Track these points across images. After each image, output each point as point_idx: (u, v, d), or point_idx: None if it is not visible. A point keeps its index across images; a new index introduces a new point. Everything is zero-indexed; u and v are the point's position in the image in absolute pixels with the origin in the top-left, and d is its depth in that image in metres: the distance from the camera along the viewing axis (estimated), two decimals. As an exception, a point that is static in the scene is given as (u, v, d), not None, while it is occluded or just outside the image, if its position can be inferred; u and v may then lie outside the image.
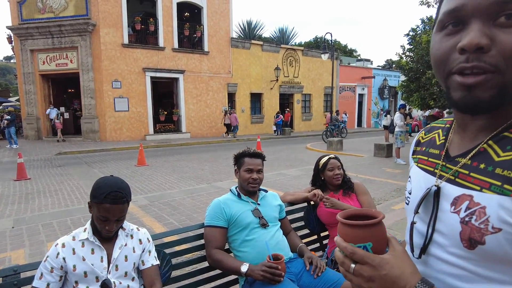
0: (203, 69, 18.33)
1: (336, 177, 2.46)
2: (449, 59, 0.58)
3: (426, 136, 0.81)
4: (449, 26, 0.58)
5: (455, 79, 0.58)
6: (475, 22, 0.54)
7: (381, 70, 30.42)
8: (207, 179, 7.77)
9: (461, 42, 0.55)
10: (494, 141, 0.61)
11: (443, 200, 0.65)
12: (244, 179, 2.04)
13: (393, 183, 7.03)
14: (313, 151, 12.84)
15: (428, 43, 8.61)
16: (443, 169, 0.68)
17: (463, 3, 0.55)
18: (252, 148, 2.14)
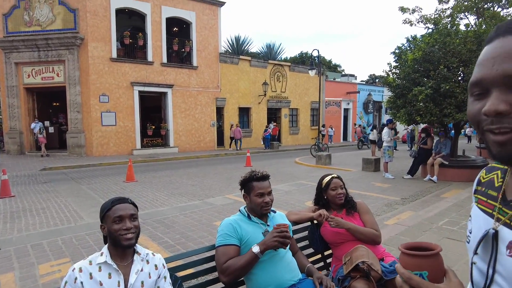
0: (191, 84, 18.39)
1: (339, 197, 2.50)
2: (480, 120, 0.65)
3: (486, 176, 0.84)
4: (476, 93, 0.66)
5: (489, 137, 0.64)
6: (495, 91, 0.62)
7: (365, 85, 31.16)
8: (199, 195, 7.71)
9: (484, 108, 0.63)
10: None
11: (501, 243, 0.68)
12: (256, 204, 2.04)
13: (384, 198, 7.15)
14: (302, 166, 12.95)
15: (413, 61, 8.93)
16: (500, 212, 0.71)
17: (481, 78, 0.64)
18: (259, 171, 2.12)
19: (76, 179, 10.14)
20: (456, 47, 8.34)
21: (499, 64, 0.61)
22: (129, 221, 1.58)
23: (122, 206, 1.60)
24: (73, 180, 9.90)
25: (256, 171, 2.11)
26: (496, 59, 0.61)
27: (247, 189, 2.09)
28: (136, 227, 1.61)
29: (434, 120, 8.68)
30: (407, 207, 6.29)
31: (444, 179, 8.70)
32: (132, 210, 1.63)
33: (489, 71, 0.62)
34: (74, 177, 10.52)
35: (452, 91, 8.12)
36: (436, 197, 7.01)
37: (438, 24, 11.43)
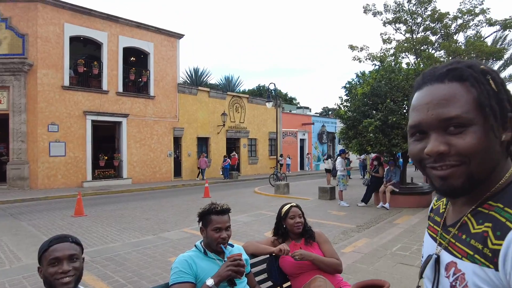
0: (148, 113, 18.03)
1: (297, 225, 2.51)
2: (422, 158, 0.72)
3: (436, 203, 0.92)
4: (416, 134, 0.73)
5: (431, 172, 0.71)
6: (433, 133, 0.69)
7: (319, 117, 32.60)
8: (153, 230, 7.35)
9: (426, 149, 0.69)
10: (472, 214, 0.71)
11: (441, 266, 0.74)
12: (213, 239, 1.96)
13: (340, 226, 7.30)
14: (261, 195, 12.93)
15: (362, 95, 9.55)
16: (441, 236, 0.79)
17: (419, 121, 0.71)
18: (219, 204, 2.05)
19: (16, 215, 9.24)
20: (400, 83, 9.09)
21: (433, 109, 0.68)
22: (67, 263, 1.42)
23: (61, 246, 1.44)
24: (11, 216, 9.00)
25: (216, 204, 2.04)
26: (429, 105, 0.69)
27: (205, 222, 2.01)
28: (77, 269, 1.45)
29: (384, 149, 9.22)
30: (362, 234, 6.47)
31: (396, 206, 9.13)
32: (73, 249, 1.48)
33: (425, 116, 0.69)
34: (13, 212, 9.58)
35: (398, 122, 8.74)
36: (389, 223, 7.30)
37: (383, 61, 12.45)
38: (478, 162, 0.66)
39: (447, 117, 0.66)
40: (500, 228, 0.63)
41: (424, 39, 17.76)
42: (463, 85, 0.68)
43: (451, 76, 0.69)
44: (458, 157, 0.66)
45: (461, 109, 0.66)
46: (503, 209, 0.65)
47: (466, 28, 17.47)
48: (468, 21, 17.22)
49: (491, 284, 0.62)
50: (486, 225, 0.66)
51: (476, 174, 0.67)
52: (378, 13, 18.53)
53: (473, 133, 0.65)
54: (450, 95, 0.67)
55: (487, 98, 0.67)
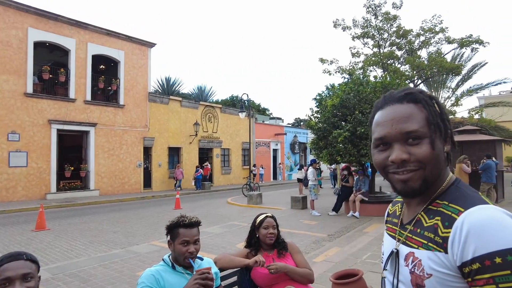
0: (117, 122, 17.53)
1: (270, 236, 2.50)
2: (386, 165, 0.87)
3: (392, 208, 1.08)
4: (381, 145, 0.88)
5: (393, 177, 0.86)
6: (396, 144, 0.85)
7: (291, 127, 33.07)
8: (121, 243, 7.08)
9: (390, 157, 0.84)
10: (424, 212, 0.87)
11: (401, 258, 0.88)
12: (180, 253, 1.90)
13: (311, 235, 7.37)
14: (234, 206, 12.84)
15: (332, 107, 9.80)
16: (399, 234, 0.93)
17: (385, 135, 0.86)
18: (187, 217, 1.99)
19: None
20: (367, 95, 9.43)
21: (397, 125, 0.84)
22: (20, 283, 1.32)
23: (13, 264, 1.34)
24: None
25: (185, 217, 1.98)
26: (393, 121, 0.85)
27: (173, 236, 1.95)
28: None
29: (353, 159, 9.47)
30: (333, 243, 6.56)
31: (365, 214, 9.36)
32: (27, 268, 1.37)
33: (390, 129, 0.85)
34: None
35: (367, 133, 9.02)
36: (359, 232, 7.46)
37: (352, 74, 12.92)
38: (431, 168, 0.83)
39: (408, 131, 0.83)
40: (447, 220, 0.78)
41: (391, 53, 18.61)
42: (417, 106, 0.85)
43: (408, 98, 0.87)
44: (417, 163, 0.82)
45: (418, 124, 0.83)
46: (448, 205, 0.82)
47: (428, 45, 18.51)
48: (430, 39, 18.27)
49: (442, 265, 0.76)
50: (436, 218, 0.82)
51: (429, 177, 0.83)
52: (347, 28, 19.26)
53: (427, 144, 0.82)
54: (409, 114, 0.84)
55: (434, 117, 0.85)
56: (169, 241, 1.97)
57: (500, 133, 20.66)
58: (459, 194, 0.83)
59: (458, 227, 0.74)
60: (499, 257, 0.67)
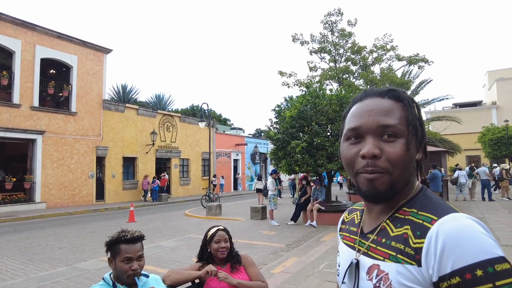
0: (68, 131, 16.51)
1: (221, 250, 2.41)
2: (355, 162, 0.80)
3: (349, 216, 1.01)
4: (352, 138, 0.82)
5: (361, 177, 0.78)
6: (369, 137, 0.78)
7: (252, 138, 33.27)
8: (67, 260, 6.57)
9: (362, 151, 0.78)
10: (389, 220, 0.80)
11: (361, 271, 0.80)
12: (122, 271, 1.75)
13: (270, 246, 7.34)
14: (192, 218, 12.51)
15: (290, 118, 9.97)
16: (360, 243, 0.85)
17: (360, 125, 0.80)
18: (129, 231, 1.84)
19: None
20: (324, 107, 9.71)
21: (375, 116, 0.79)
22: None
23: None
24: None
25: (127, 231, 1.84)
26: (371, 112, 0.80)
27: (113, 253, 1.80)
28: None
29: (310, 169, 9.66)
30: (291, 253, 6.57)
31: (322, 223, 9.53)
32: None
33: (367, 120, 0.79)
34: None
35: (323, 144, 9.28)
36: (316, 241, 7.55)
37: (309, 87, 13.25)
38: (399, 172, 0.76)
39: (386, 124, 0.77)
40: (419, 228, 0.72)
41: (346, 68, 19.48)
42: (398, 104, 0.81)
43: (390, 95, 0.82)
44: (386, 163, 0.76)
45: (397, 121, 0.78)
46: (417, 213, 0.75)
47: (380, 61, 19.64)
48: (382, 55, 19.41)
49: (414, 280, 0.68)
50: (405, 227, 0.75)
51: (397, 183, 0.77)
52: (305, 42, 19.90)
53: (401, 144, 0.76)
54: (390, 108, 0.80)
55: (413, 118, 0.81)
56: (110, 258, 1.82)
57: (444, 145, 22.31)
58: (428, 202, 0.77)
59: (432, 237, 0.67)
60: (480, 269, 0.61)
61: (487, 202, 14.00)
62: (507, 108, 37.31)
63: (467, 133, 33.61)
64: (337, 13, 18.54)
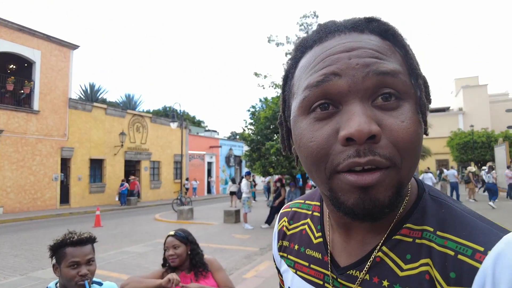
0: (30, 130, 15.51)
1: (171, 258, 2.21)
2: (330, 153, 0.43)
3: (291, 226, 0.64)
4: (318, 108, 0.44)
5: (345, 179, 0.42)
6: (353, 102, 0.42)
7: (227, 140, 32.93)
8: (22, 269, 6.02)
9: (344, 130, 0.42)
10: (388, 247, 0.47)
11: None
12: (68, 277, 1.50)
13: (243, 250, 7.10)
14: (162, 222, 12.03)
15: (265, 119, 9.82)
16: (336, 284, 0.52)
17: (334, 71, 0.43)
18: (76, 233, 1.62)
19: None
20: (299, 108, 9.65)
21: (360, 58, 0.42)
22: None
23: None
24: None
25: (73, 233, 1.60)
26: (352, 53, 0.43)
27: (58, 258, 1.55)
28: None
29: (285, 171, 9.54)
30: (265, 257, 6.36)
31: (296, 227, 9.39)
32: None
33: (345, 66, 0.42)
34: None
35: (298, 146, 9.18)
36: (290, 244, 7.38)
37: (284, 89, 13.21)
38: (411, 165, 0.44)
39: (385, 70, 0.42)
40: (452, 266, 0.41)
41: (320, 72, 19.66)
42: (387, 43, 0.46)
43: (372, 27, 0.47)
44: (389, 149, 0.42)
45: (399, 67, 0.44)
46: (436, 233, 0.45)
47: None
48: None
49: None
50: (422, 262, 0.44)
51: (404, 185, 0.44)
52: (280, 44, 19.91)
53: (410, 112, 0.43)
54: (381, 47, 0.45)
55: (416, 65, 0.47)
56: (55, 264, 1.57)
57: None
58: (448, 213, 0.47)
59: (487, 278, 0.38)
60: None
61: (454, 203, 14.50)
62: (473, 114, 39.29)
63: (437, 138, 34.97)
64: (312, 16, 18.70)
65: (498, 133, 27.14)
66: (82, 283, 1.51)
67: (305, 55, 0.48)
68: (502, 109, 42.01)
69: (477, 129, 28.20)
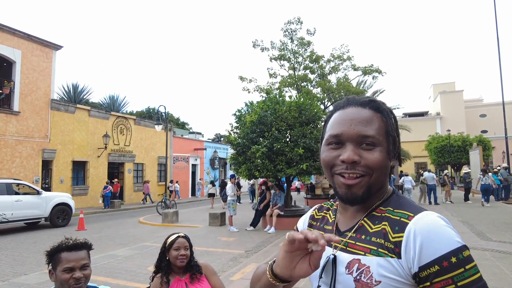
0: (9, 131, 15.14)
1: (181, 258, 2.28)
2: (334, 165, 0.85)
3: (319, 213, 1.05)
4: (333, 144, 0.87)
5: (339, 180, 0.84)
6: (349, 145, 0.84)
7: (212, 142, 32.88)
8: (4, 275, 5.95)
9: (342, 156, 0.83)
10: (367, 218, 0.86)
11: (339, 266, 0.84)
12: (62, 281, 1.57)
13: (229, 252, 7.21)
14: (147, 225, 11.98)
15: (251, 123, 9.95)
16: None
17: (341, 132, 0.86)
18: (71, 238, 1.69)
19: None
20: (283, 113, 9.83)
21: (356, 126, 0.84)
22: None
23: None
24: None
25: (68, 239, 1.68)
26: (353, 121, 0.85)
27: (54, 263, 1.63)
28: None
29: (270, 174, 9.69)
30: (250, 259, 6.49)
31: (281, 228, 9.57)
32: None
33: (348, 129, 0.85)
34: None
35: (282, 149, 9.36)
36: (275, 246, 7.55)
37: (270, 93, 13.41)
38: (377, 176, 0.83)
39: (365, 135, 0.83)
40: (397, 224, 0.79)
41: (304, 76, 19.98)
42: (378, 115, 0.87)
43: (371, 105, 0.88)
44: (365, 168, 0.82)
45: (376, 132, 0.84)
46: (393, 210, 0.83)
47: (337, 70, 20.40)
48: (338, 65, 20.18)
49: (394, 272, 0.75)
50: (383, 223, 0.82)
51: (373, 186, 0.84)
52: (265, 49, 20.14)
53: (379, 152, 0.83)
54: (370, 119, 0.85)
55: (392, 129, 0.88)
56: (50, 270, 1.64)
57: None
58: (402, 202, 0.85)
59: (411, 232, 0.75)
60: (454, 257, 0.71)
61: (433, 205, 15.03)
62: (449, 119, 40.56)
63: (415, 141, 35.94)
64: (297, 22, 19.01)
65: (472, 137, 28.12)
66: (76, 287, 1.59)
67: (335, 113, 0.92)
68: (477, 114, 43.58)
69: (453, 133, 29.13)
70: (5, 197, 10.42)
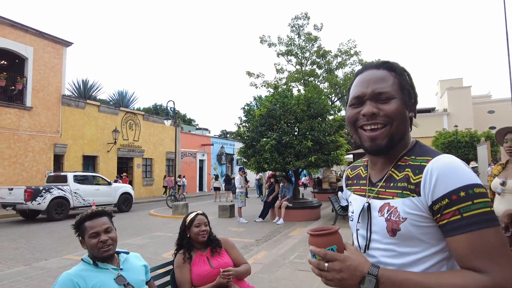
0: (22, 126, 15.47)
1: (202, 234, 2.44)
2: (357, 119, 0.99)
3: (352, 172, 1.19)
4: (355, 104, 1.00)
5: (363, 134, 0.97)
6: (368, 101, 0.96)
7: (218, 138, 33.09)
8: (25, 260, 6.20)
9: (362, 111, 0.96)
10: (394, 168, 0.98)
11: (373, 211, 0.98)
12: (93, 246, 1.74)
13: (240, 241, 7.38)
14: (157, 217, 12.23)
15: (260, 116, 10.10)
16: (369, 191, 1.03)
17: (360, 93, 0.98)
18: (91, 209, 1.89)
19: None
20: (292, 107, 9.95)
21: (372, 85, 0.96)
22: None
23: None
24: None
25: (88, 210, 1.87)
26: (369, 82, 0.97)
27: (81, 233, 1.81)
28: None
29: (278, 167, 9.84)
30: (261, 247, 6.67)
31: (290, 220, 9.73)
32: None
33: (366, 89, 0.97)
34: None
35: (291, 142, 9.49)
36: (285, 236, 7.72)
37: (277, 88, 13.54)
38: (397, 124, 0.94)
39: (380, 91, 0.94)
40: (417, 168, 0.90)
41: (311, 72, 20.05)
42: (391, 73, 0.98)
43: (385, 66, 0.99)
44: (384, 118, 0.93)
45: (390, 87, 0.95)
46: (415, 158, 0.94)
47: (344, 66, 20.42)
48: (345, 60, 20.19)
49: (415, 208, 0.87)
50: (407, 170, 0.93)
51: (395, 135, 0.94)
52: (272, 45, 20.23)
53: (395, 103, 0.94)
54: (384, 77, 0.97)
55: (406, 84, 0.98)
56: (81, 239, 1.82)
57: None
58: (424, 150, 0.96)
59: (428, 172, 0.86)
60: (463, 191, 0.80)
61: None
62: (457, 115, 40.22)
63: (423, 137, 35.56)
64: (304, 17, 19.07)
65: (480, 133, 27.95)
66: (105, 250, 1.75)
67: (356, 78, 1.03)
68: (485, 110, 43.21)
69: (461, 129, 28.97)
70: (90, 187, 12.87)
